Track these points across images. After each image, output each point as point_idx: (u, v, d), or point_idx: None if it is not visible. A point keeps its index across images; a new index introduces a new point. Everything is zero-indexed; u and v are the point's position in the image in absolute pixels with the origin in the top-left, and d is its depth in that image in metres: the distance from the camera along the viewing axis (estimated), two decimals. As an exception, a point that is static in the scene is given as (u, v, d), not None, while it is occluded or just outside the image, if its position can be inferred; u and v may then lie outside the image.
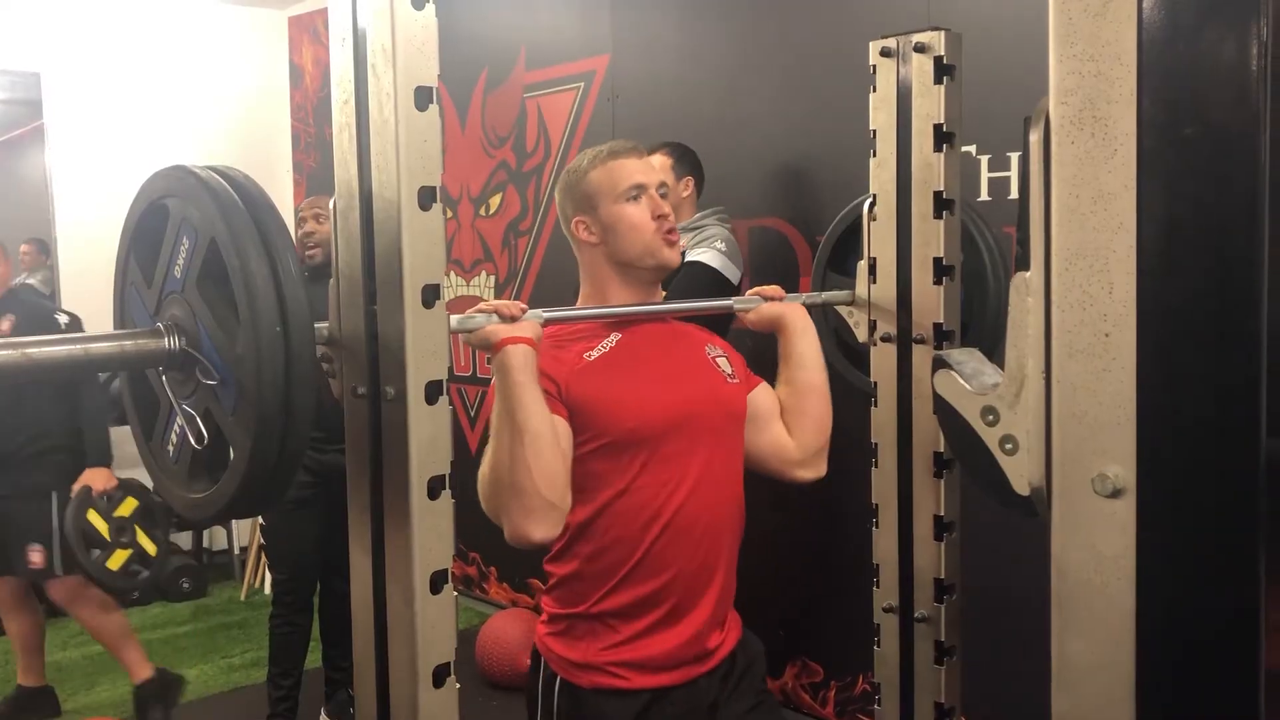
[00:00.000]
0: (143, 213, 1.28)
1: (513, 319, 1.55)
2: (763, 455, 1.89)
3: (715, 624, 1.80)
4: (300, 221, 3.39)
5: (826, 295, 2.16)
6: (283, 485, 1.17)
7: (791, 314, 1.90)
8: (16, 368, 1.15)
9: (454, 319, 1.44)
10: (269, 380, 1.08)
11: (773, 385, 1.92)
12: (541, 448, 1.54)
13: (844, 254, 2.33)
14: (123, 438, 5.39)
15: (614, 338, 1.75)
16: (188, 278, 1.20)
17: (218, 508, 1.19)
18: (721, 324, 2.29)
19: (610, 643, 1.72)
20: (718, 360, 1.85)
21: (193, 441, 1.21)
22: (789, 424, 1.88)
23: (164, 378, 1.25)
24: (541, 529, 1.56)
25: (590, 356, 1.71)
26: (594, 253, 1.80)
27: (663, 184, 1.81)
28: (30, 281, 5.60)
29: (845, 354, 2.31)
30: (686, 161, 3.11)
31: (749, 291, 1.97)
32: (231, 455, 1.18)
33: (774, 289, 1.94)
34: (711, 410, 1.78)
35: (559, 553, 1.75)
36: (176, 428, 1.24)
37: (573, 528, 1.68)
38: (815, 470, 1.90)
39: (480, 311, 1.56)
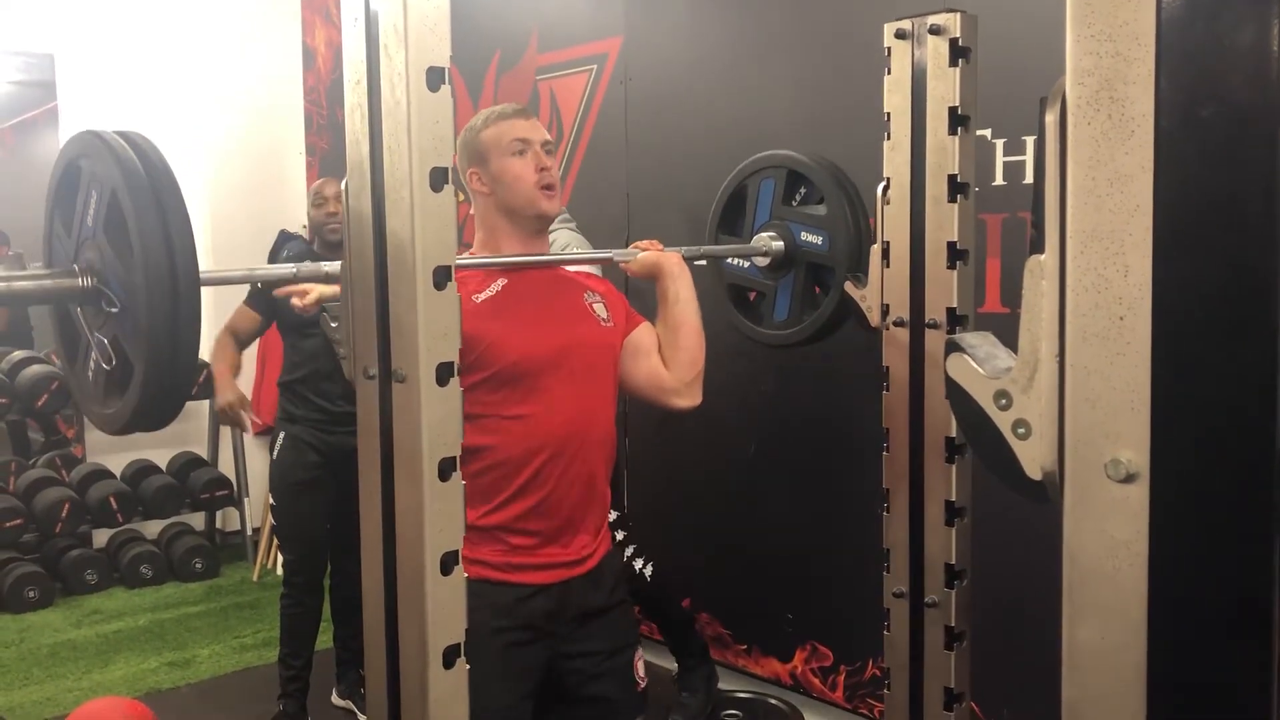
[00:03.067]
0: (62, 172, 1.43)
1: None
2: (641, 385, 2.10)
3: (589, 534, 2.01)
4: (321, 201, 3.39)
5: (705, 249, 2.38)
6: (177, 399, 1.35)
7: (666, 261, 2.11)
8: None
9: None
10: (158, 306, 1.26)
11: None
12: None
13: (733, 216, 2.48)
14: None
15: (500, 283, 1.97)
16: (97, 225, 1.35)
17: (124, 420, 1.37)
18: None
19: (497, 551, 1.93)
20: (594, 305, 2.07)
21: (103, 364, 1.38)
22: (666, 358, 2.09)
23: (80, 311, 1.43)
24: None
25: (478, 299, 1.93)
26: (485, 202, 2.02)
27: (548, 141, 2.02)
28: None
29: (737, 306, 2.51)
30: None
31: (629, 245, 2.16)
32: (133, 373, 1.35)
33: (649, 242, 2.17)
34: (586, 349, 2.00)
35: None
36: (93, 356, 1.41)
37: (464, 450, 1.82)
38: (690, 399, 2.09)
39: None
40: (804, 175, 2.35)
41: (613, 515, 3.07)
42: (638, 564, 3.25)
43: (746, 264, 2.44)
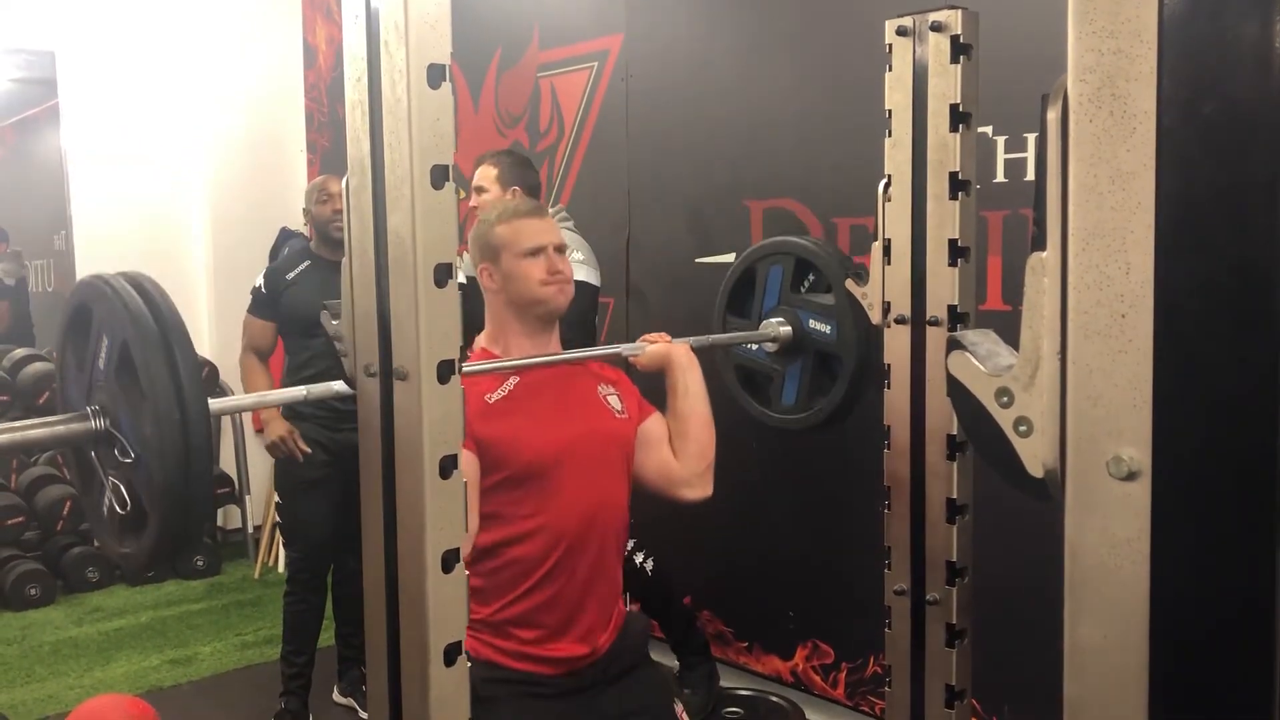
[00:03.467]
0: (74, 309, 1.44)
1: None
2: (651, 477, 2.12)
3: (600, 626, 2.02)
4: (326, 198, 3.38)
5: (714, 338, 2.37)
6: (193, 541, 1.41)
7: (675, 353, 2.12)
8: None
9: None
10: (170, 461, 1.26)
11: None
12: None
13: (741, 299, 2.48)
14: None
15: (513, 381, 1.99)
16: (109, 369, 1.35)
17: (140, 561, 1.38)
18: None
19: (509, 646, 1.95)
20: (609, 398, 2.09)
21: (117, 507, 1.37)
22: (676, 448, 2.11)
23: (94, 453, 1.42)
24: None
25: (491, 399, 1.95)
26: (495, 298, 2.05)
27: (560, 245, 2.05)
28: None
29: (746, 387, 2.51)
30: (513, 171, 3.15)
31: (638, 340, 2.17)
32: (148, 519, 1.35)
33: (658, 335, 2.17)
34: (601, 443, 2.03)
35: (469, 567, 1.94)
36: (107, 494, 1.40)
37: (479, 548, 1.90)
38: (700, 490, 2.13)
39: None
40: (812, 263, 2.36)
41: None
42: (638, 558, 3.24)
43: (755, 347, 2.45)
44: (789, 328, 2.35)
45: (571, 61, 4.04)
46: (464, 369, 1.71)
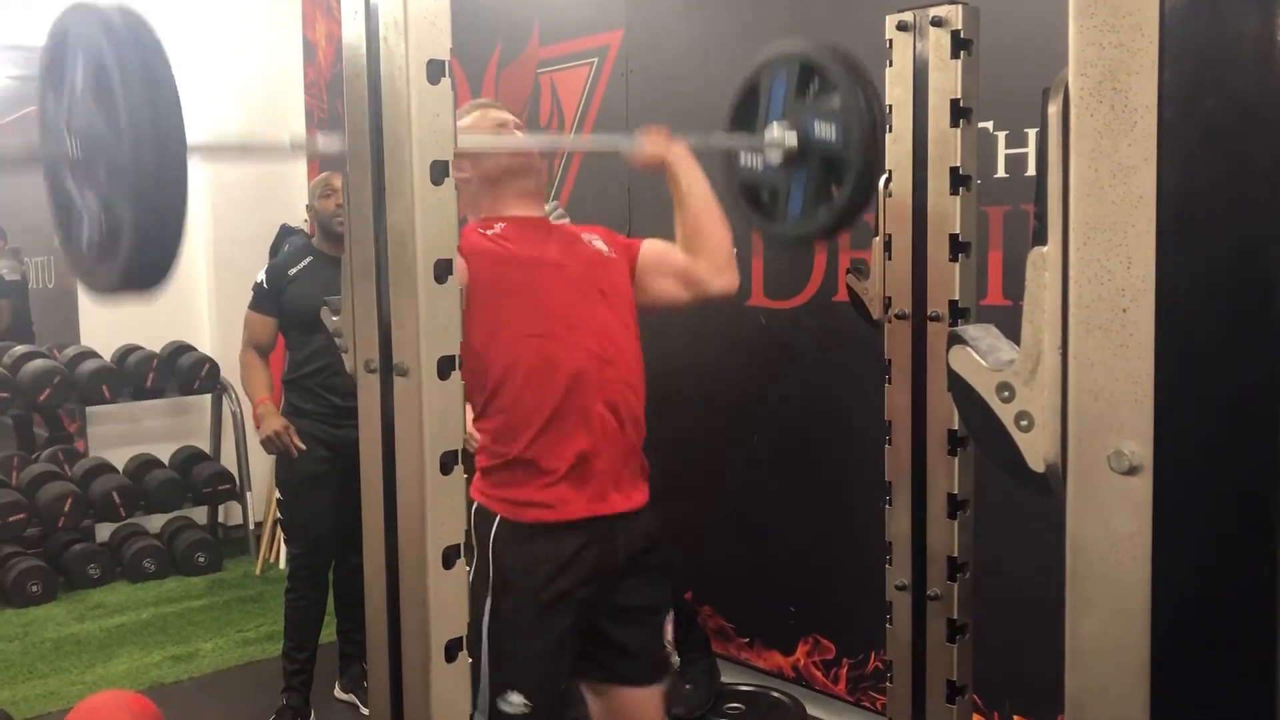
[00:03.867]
0: (52, 42, 1.41)
1: None
2: (675, 288, 2.14)
3: (626, 468, 2.04)
4: (330, 193, 3.37)
5: (715, 139, 2.29)
6: (165, 263, 1.33)
7: (673, 149, 2.12)
8: None
9: None
10: (144, 169, 1.25)
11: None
12: None
13: (745, 116, 2.33)
14: (143, 412, 5.41)
15: (499, 226, 2.04)
16: (85, 91, 1.34)
17: (115, 280, 1.35)
18: None
19: (543, 482, 1.96)
20: (593, 241, 2.12)
21: (91, 227, 1.37)
22: (692, 248, 2.12)
23: (70, 178, 1.41)
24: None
25: (490, 233, 2.02)
26: (469, 186, 2.04)
27: (519, 125, 2.14)
28: None
29: (751, 206, 2.36)
30: None
31: (637, 133, 2.13)
32: (121, 239, 1.33)
33: (656, 128, 2.15)
34: (591, 273, 2.06)
35: (485, 408, 2.01)
36: (85, 224, 1.39)
37: (493, 384, 1.96)
38: (728, 279, 2.13)
39: None
40: (816, 68, 2.19)
41: None
42: None
43: (759, 163, 2.30)
44: (794, 132, 2.21)
45: (571, 57, 4.04)
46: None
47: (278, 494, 3.49)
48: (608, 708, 2.12)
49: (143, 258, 1.31)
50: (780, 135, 2.22)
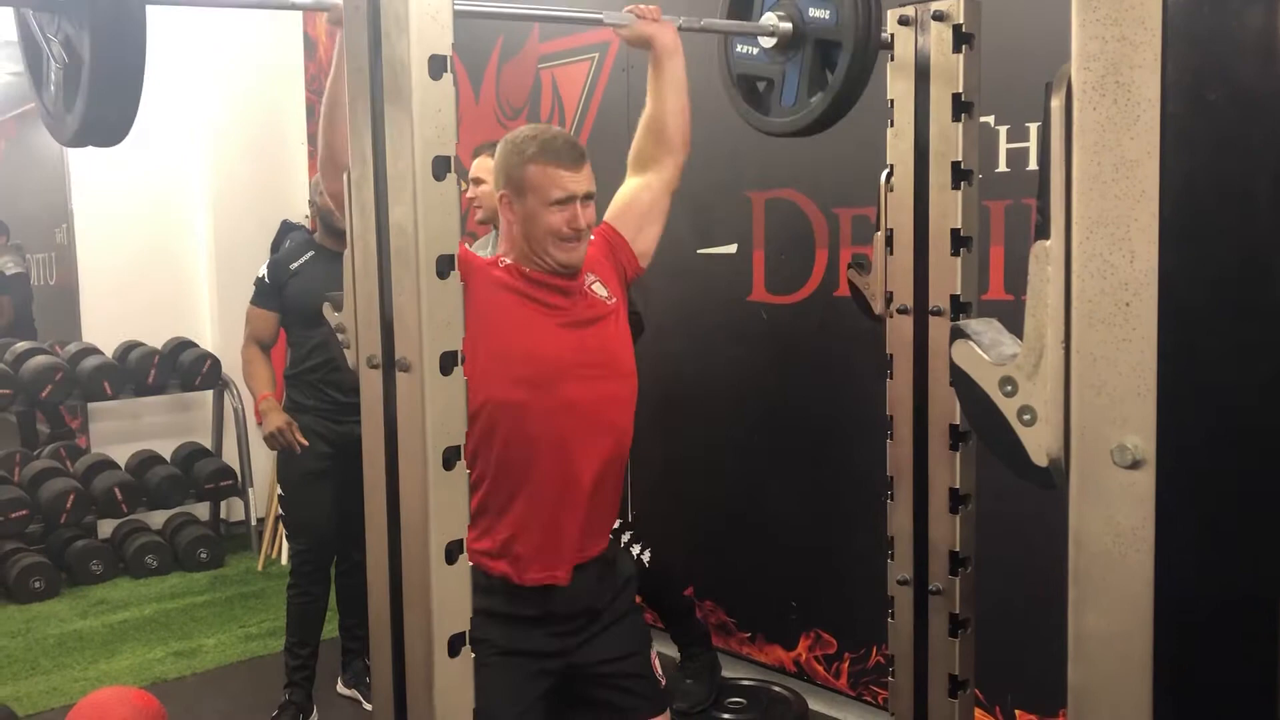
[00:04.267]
0: None
1: None
2: (659, 213, 2.17)
3: (578, 553, 1.99)
4: None
5: (706, 22, 2.26)
6: (125, 99, 1.36)
7: (662, 33, 2.09)
8: None
9: None
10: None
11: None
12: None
13: (742, 4, 2.32)
14: (144, 408, 5.41)
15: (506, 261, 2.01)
16: None
17: (78, 126, 1.36)
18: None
19: (487, 546, 1.94)
20: (593, 286, 2.05)
21: (55, 64, 1.38)
22: (656, 133, 2.17)
23: (33, 18, 1.43)
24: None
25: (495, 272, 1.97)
26: (510, 228, 2.02)
27: (589, 194, 1.99)
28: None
29: (746, 98, 2.36)
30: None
31: (625, 9, 2.09)
32: (82, 64, 1.34)
33: (648, 8, 2.12)
34: (597, 346, 2.01)
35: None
36: (52, 66, 1.40)
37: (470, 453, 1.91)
38: (685, 151, 2.22)
39: None
40: None
41: None
42: (634, 550, 3.24)
43: (755, 50, 2.29)
44: (788, 22, 2.18)
45: (572, 53, 4.04)
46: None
47: (279, 490, 3.49)
48: None
49: (101, 101, 1.32)
50: (774, 21, 2.20)
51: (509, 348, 1.92)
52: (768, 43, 2.24)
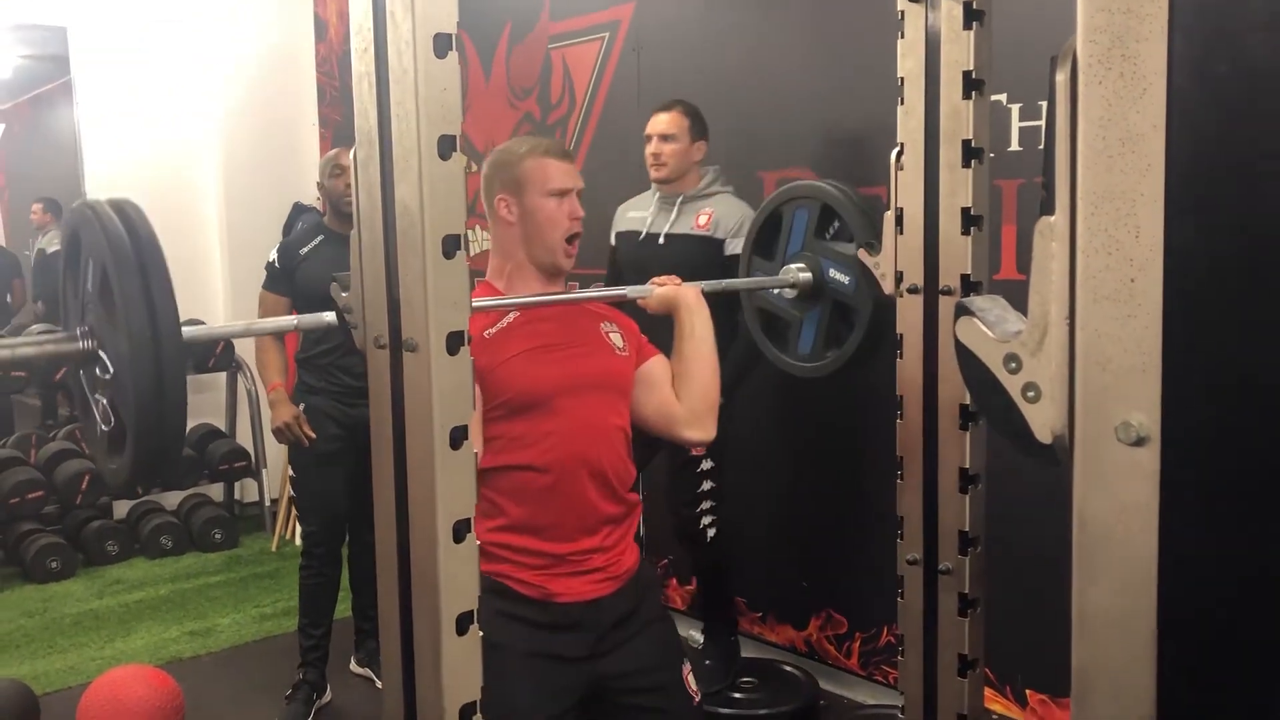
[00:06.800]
0: (68, 236, 1.47)
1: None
2: (650, 416, 2.08)
3: (599, 569, 1.98)
4: (339, 171, 3.35)
5: (727, 283, 2.35)
6: (171, 461, 1.38)
7: (684, 295, 2.08)
8: None
9: None
10: (143, 376, 1.29)
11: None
12: None
13: (768, 240, 2.44)
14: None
15: (511, 316, 1.99)
16: (94, 292, 1.38)
17: (122, 478, 1.41)
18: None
19: (511, 568, 1.94)
20: (610, 334, 2.07)
21: (102, 425, 1.42)
22: (678, 390, 2.07)
23: (80, 373, 1.47)
24: None
25: (489, 334, 1.95)
26: (508, 232, 2.02)
27: (580, 190, 2.04)
28: (42, 244, 5.66)
29: (766, 331, 2.49)
30: (700, 123, 3.11)
31: (650, 282, 2.13)
32: (126, 435, 1.37)
33: (667, 276, 2.14)
34: (598, 374, 2.01)
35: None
36: (96, 415, 1.44)
37: (484, 468, 1.90)
38: (701, 431, 2.08)
39: None
40: (837, 211, 2.29)
41: (708, 464, 3.07)
42: (705, 520, 3.20)
43: (776, 291, 2.41)
44: (809, 274, 2.30)
45: (582, 33, 4.02)
46: (477, 306, 1.68)
47: (291, 472, 3.50)
48: None
49: (145, 463, 1.35)
50: (795, 274, 2.31)
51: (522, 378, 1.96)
52: (789, 293, 2.36)
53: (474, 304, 1.67)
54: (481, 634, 1.41)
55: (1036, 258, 0.85)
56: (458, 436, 1.37)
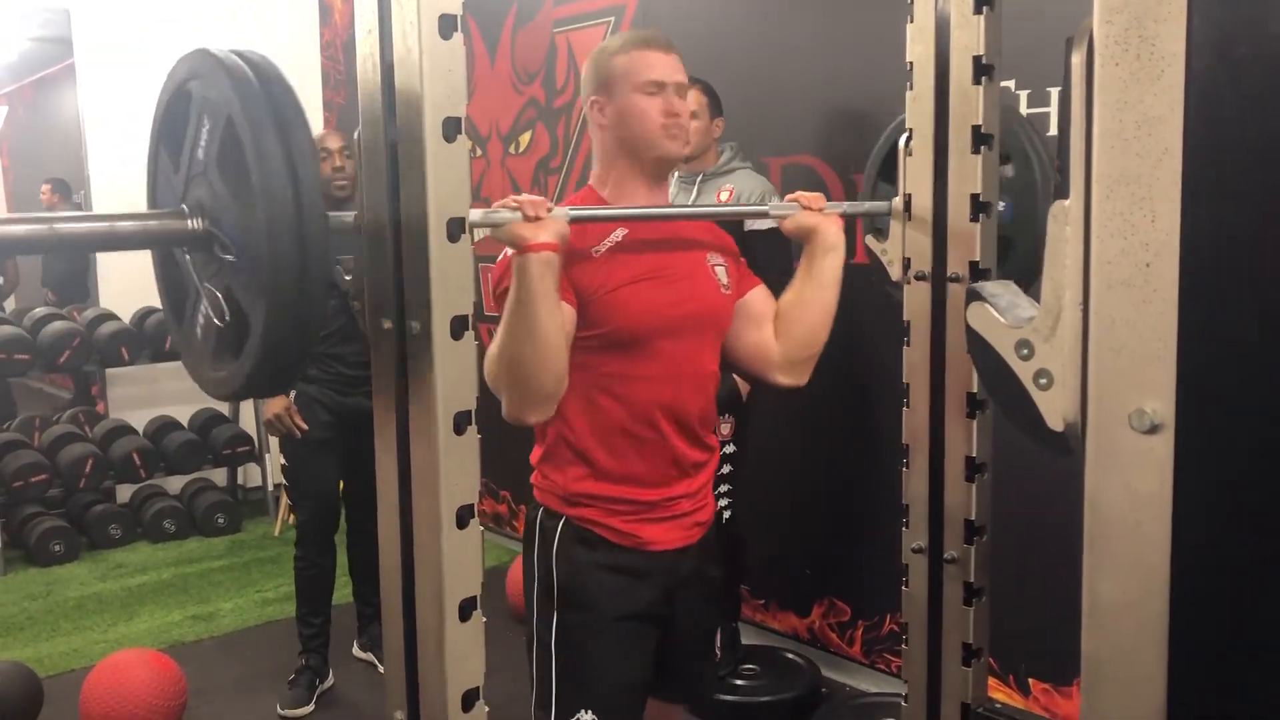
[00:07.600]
0: (169, 99, 1.29)
1: (537, 218, 1.54)
2: (743, 355, 1.94)
3: (683, 515, 1.88)
4: (325, 155, 3.28)
5: (869, 205, 2.13)
6: (298, 360, 1.20)
7: (825, 228, 1.91)
8: (43, 241, 1.21)
9: (476, 214, 1.42)
10: (282, 251, 1.10)
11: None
12: (548, 351, 1.59)
13: (893, 164, 2.19)
14: (162, 374, 5.43)
15: (620, 232, 1.80)
16: (209, 158, 1.21)
17: (237, 384, 1.22)
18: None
19: (601, 513, 1.81)
20: (715, 268, 1.90)
21: (215, 319, 1.23)
22: (782, 329, 1.92)
23: (189, 258, 1.27)
24: (537, 414, 1.67)
25: (597, 252, 1.77)
26: (605, 136, 1.85)
27: (682, 85, 1.83)
28: None
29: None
30: (717, 100, 3.09)
31: (789, 196, 1.95)
32: (250, 331, 1.20)
33: (814, 197, 1.94)
34: (701, 316, 1.85)
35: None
36: (202, 308, 1.26)
37: (564, 404, 1.74)
38: (795, 377, 1.93)
39: (505, 206, 1.54)
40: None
41: (731, 448, 3.07)
42: (722, 504, 3.18)
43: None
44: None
45: (587, 17, 4.00)
46: (571, 214, 1.61)
47: (282, 460, 3.48)
48: None
49: (273, 362, 1.16)
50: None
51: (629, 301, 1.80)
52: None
53: (571, 212, 1.60)
54: (561, 590, 1.30)
55: (1050, 242, 0.84)
56: (461, 421, 1.36)
